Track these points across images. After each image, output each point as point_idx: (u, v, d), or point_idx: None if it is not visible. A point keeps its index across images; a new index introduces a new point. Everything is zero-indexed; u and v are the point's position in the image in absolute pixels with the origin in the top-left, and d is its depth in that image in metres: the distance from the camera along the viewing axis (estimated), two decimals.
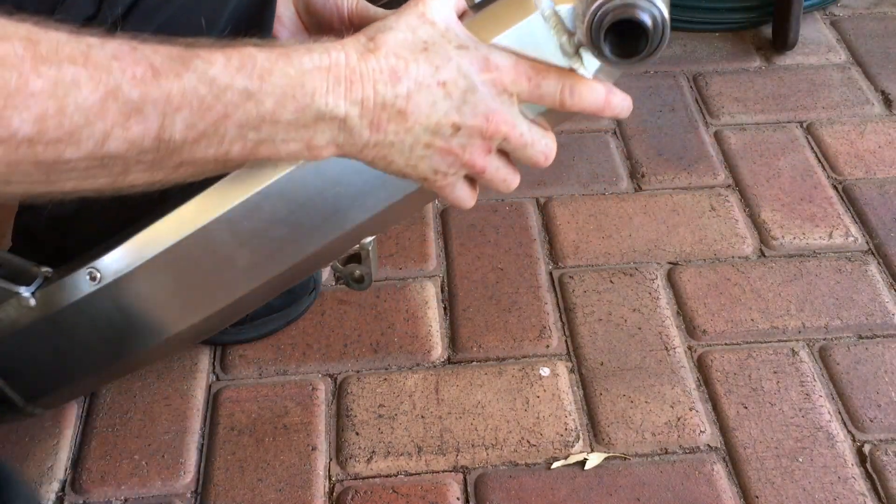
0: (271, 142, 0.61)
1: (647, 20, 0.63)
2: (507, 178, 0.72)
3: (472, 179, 0.73)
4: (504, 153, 0.71)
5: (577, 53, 0.68)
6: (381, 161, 0.67)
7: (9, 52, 0.50)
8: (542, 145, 0.70)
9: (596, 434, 1.16)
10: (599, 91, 0.69)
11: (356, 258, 0.97)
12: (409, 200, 0.81)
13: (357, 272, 0.98)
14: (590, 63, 0.69)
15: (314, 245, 0.83)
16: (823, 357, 1.25)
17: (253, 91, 0.59)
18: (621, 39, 0.64)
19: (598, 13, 0.63)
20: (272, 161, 0.63)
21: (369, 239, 0.95)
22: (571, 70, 0.68)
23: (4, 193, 0.54)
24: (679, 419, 1.17)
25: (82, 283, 0.81)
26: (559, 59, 0.68)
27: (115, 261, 0.80)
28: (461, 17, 0.71)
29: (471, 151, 0.67)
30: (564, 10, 0.67)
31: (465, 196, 0.74)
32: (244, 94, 0.59)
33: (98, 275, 0.81)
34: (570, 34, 0.67)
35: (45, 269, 0.84)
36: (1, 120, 0.49)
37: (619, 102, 0.70)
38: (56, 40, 0.53)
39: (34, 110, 0.50)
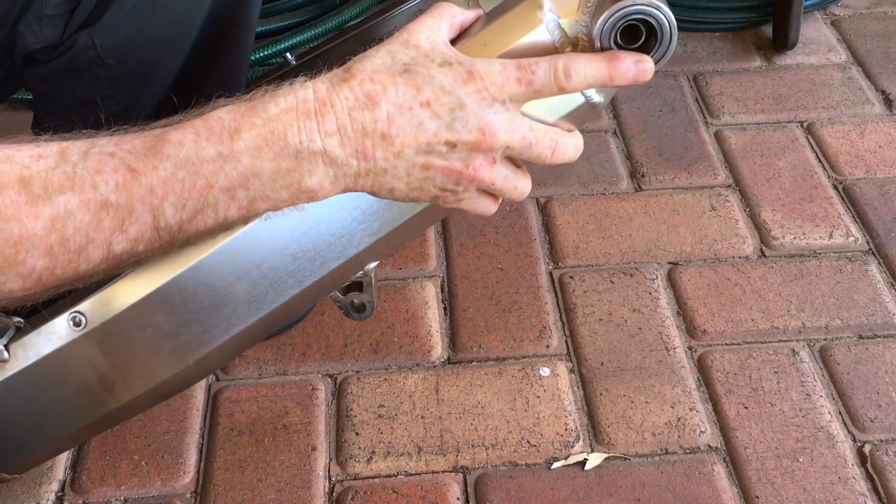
0: (264, 195, 0.62)
1: (662, 19, 0.65)
2: (519, 185, 0.71)
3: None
4: (512, 159, 0.70)
5: None
6: (382, 190, 0.66)
7: (6, 202, 0.57)
8: (547, 141, 0.68)
9: (596, 434, 1.16)
10: (598, 60, 0.66)
11: (357, 286, 0.91)
12: (421, 219, 0.79)
13: (357, 301, 0.93)
14: None
15: (317, 274, 0.78)
16: (824, 357, 1.25)
17: (226, 153, 0.60)
18: (627, 47, 0.66)
19: (611, 18, 0.64)
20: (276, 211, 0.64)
21: (371, 265, 0.89)
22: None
23: (33, 298, 0.63)
24: (679, 419, 1.17)
25: (63, 329, 0.74)
26: None
27: (103, 303, 0.74)
28: (465, 32, 0.71)
29: (474, 166, 0.66)
30: (567, 22, 0.68)
31: (486, 206, 0.72)
32: (219, 159, 0.60)
33: (83, 319, 0.74)
34: (574, 45, 0.68)
35: (16, 318, 0.76)
36: (19, 265, 0.58)
37: (629, 65, 0.66)
38: (45, 171, 0.58)
39: (42, 247, 0.58)
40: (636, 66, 0.66)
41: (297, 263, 0.77)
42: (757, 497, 1.09)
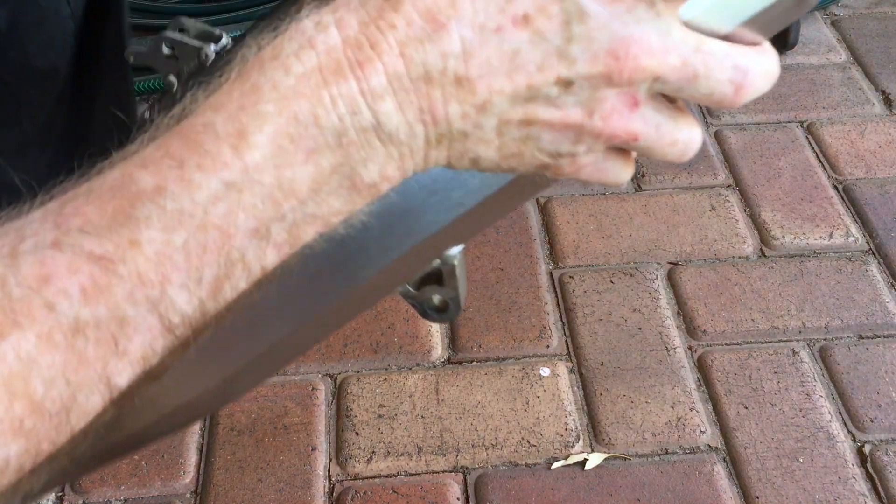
0: (307, 216, 0.41)
1: None
2: (679, 136, 0.44)
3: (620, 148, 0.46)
4: (665, 96, 0.44)
5: None
6: (463, 160, 0.44)
7: None
8: (728, 68, 0.42)
9: (596, 434, 1.16)
10: None
11: (435, 278, 0.69)
12: (518, 187, 0.56)
13: (437, 298, 0.71)
14: None
15: (378, 264, 0.57)
16: (824, 357, 1.25)
17: (237, 180, 0.39)
18: None
19: None
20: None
21: (455, 250, 0.67)
22: None
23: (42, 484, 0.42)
24: (679, 419, 1.17)
25: None
26: None
27: None
28: None
29: (603, 113, 0.41)
30: None
31: (616, 171, 0.46)
32: (229, 191, 0.39)
33: None
34: None
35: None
36: None
37: None
38: None
39: (3, 429, 0.38)
40: None
41: (359, 246, 0.53)
42: (757, 497, 1.09)
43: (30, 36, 0.92)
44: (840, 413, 1.18)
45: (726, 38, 0.43)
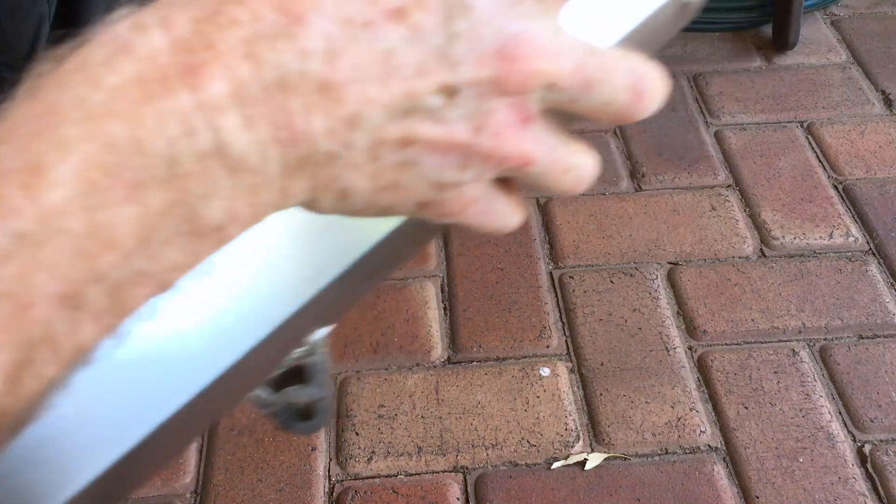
0: (135, 274, 0.30)
1: None
2: (573, 160, 0.36)
3: (505, 179, 0.37)
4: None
5: None
6: (330, 194, 0.34)
7: None
8: (624, 73, 0.36)
9: (596, 434, 1.16)
10: None
11: (296, 375, 0.52)
12: (394, 245, 0.41)
13: (301, 399, 0.53)
14: None
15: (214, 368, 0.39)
16: (824, 357, 1.25)
17: (30, 230, 0.28)
18: None
19: None
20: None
21: (320, 333, 0.49)
22: None
23: None
24: (679, 419, 1.17)
25: None
26: None
27: None
28: None
29: (494, 129, 0.33)
30: None
31: (505, 212, 0.37)
32: (22, 244, 0.28)
33: None
34: None
35: None
36: None
37: None
38: None
39: None
40: None
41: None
42: (757, 497, 1.09)
43: (6, 18, 0.93)
44: (840, 413, 1.18)
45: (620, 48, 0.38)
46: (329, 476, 1.12)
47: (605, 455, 1.14)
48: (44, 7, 0.96)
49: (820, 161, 1.56)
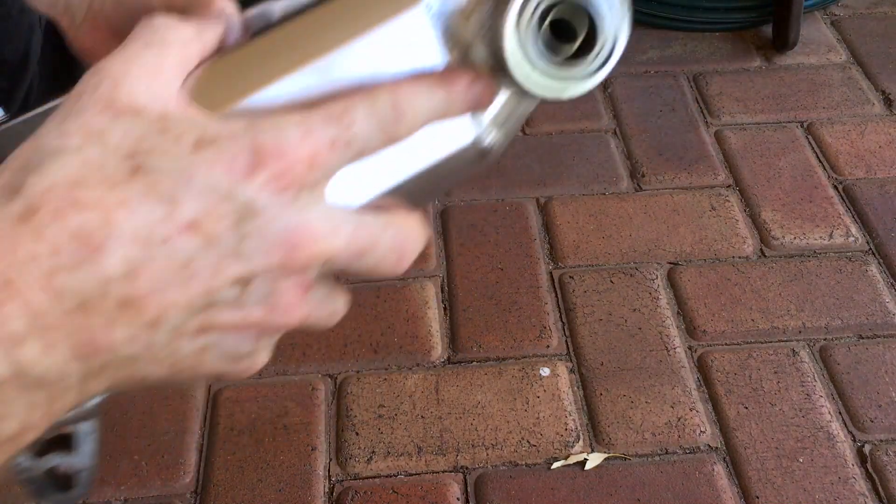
0: None
1: (601, 5, 0.41)
2: (336, 307, 0.43)
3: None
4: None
5: None
6: (128, 384, 0.38)
7: None
8: (388, 240, 0.41)
9: (596, 434, 1.16)
10: (431, 83, 0.40)
11: (61, 441, 0.51)
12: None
13: (63, 468, 0.51)
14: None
15: None
16: (824, 357, 1.25)
17: None
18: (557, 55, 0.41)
19: (527, 8, 0.39)
20: None
21: (93, 400, 0.48)
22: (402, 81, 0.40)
23: None
24: (679, 419, 1.17)
25: None
26: None
27: None
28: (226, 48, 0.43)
29: (282, 306, 0.39)
30: (457, 13, 0.41)
31: (261, 361, 0.42)
32: None
33: None
34: (464, 51, 0.41)
35: None
36: None
37: (466, 84, 0.41)
38: None
39: None
40: (477, 85, 0.41)
41: None
42: (757, 497, 1.09)
43: None
44: (840, 413, 1.18)
45: (375, 206, 0.42)
46: (329, 476, 1.12)
47: (605, 455, 1.14)
48: (33, 16, 0.95)
49: (820, 161, 1.56)
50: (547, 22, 0.39)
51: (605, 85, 1.73)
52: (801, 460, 1.13)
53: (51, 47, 0.98)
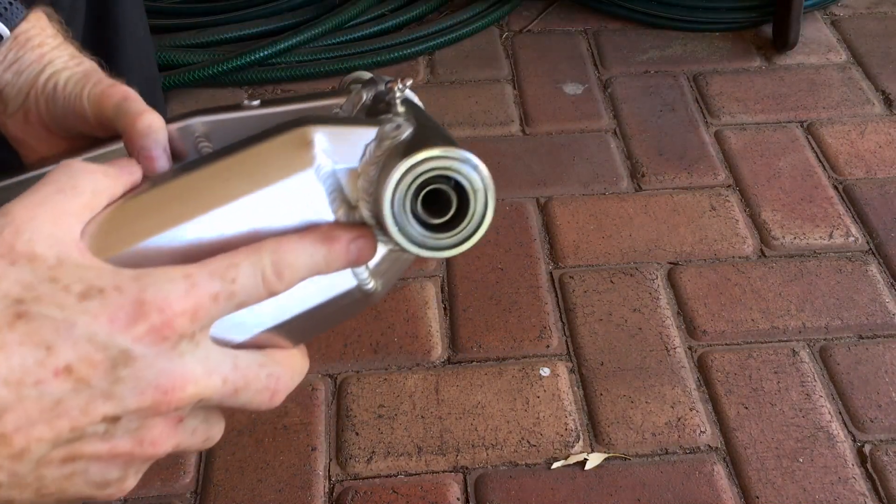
0: None
1: (475, 179, 0.44)
2: (211, 433, 0.46)
3: None
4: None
5: None
6: None
7: None
8: (263, 379, 0.45)
9: (596, 434, 1.16)
10: (312, 242, 0.44)
11: None
12: None
13: None
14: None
15: None
16: (824, 357, 1.25)
17: None
18: (430, 219, 0.45)
19: (404, 179, 0.42)
20: None
21: None
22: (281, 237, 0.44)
23: None
24: (679, 419, 1.17)
25: None
26: None
27: None
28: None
29: (152, 439, 0.42)
30: (347, 173, 0.45)
31: (129, 486, 0.45)
32: None
33: None
34: (352, 207, 0.45)
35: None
36: None
37: (345, 245, 0.45)
38: None
39: None
40: (356, 244, 0.45)
41: None
42: (757, 497, 1.09)
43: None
44: (840, 413, 1.18)
45: (256, 342, 0.45)
46: (329, 476, 1.12)
47: (606, 455, 1.14)
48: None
49: (820, 161, 1.56)
50: (424, 192, 0.43)
51: (605, 85, 1.73)
52: (802, 460, 1.13)
53: (98, 35, 0.97)
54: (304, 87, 1.73)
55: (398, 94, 0.49)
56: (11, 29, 0.64)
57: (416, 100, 0.54)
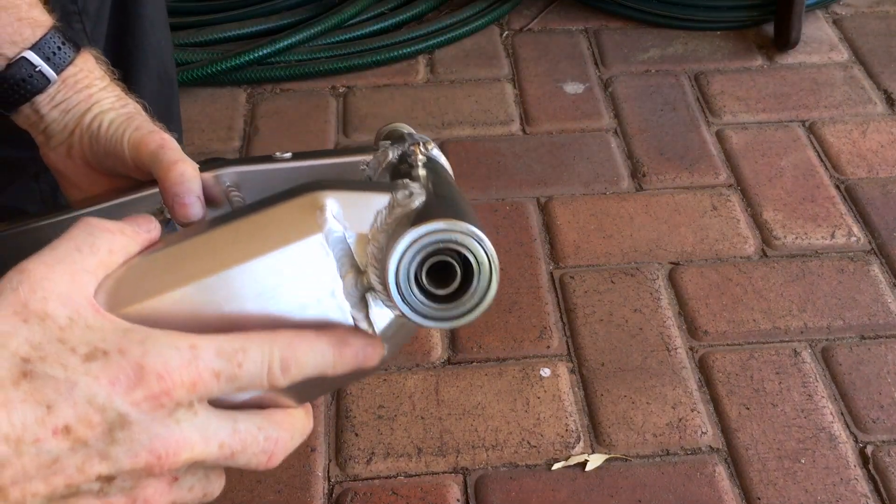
0: None
1: (481, 254, 0.44)
2: (210, 489, 0.47)
3: None
4: None
5: (362, 300, 0.47)
6: None
7: None
8: (261, 443, 0.45)
9: (597, 435, 1.16)
10: (323, 343, 0.45)
11: None
12: None
13: None
14: (379, 315, 0.48)
15: None
16: (826, 357, 1.24)
17: None
18: (434, 290, 0.45)
19: (408, 250, 0.43)
20: None
21: None
22: (297, 329, 0.45)
23: None
24: (680, 420, 1.17)
25: None
26: (331, 308, 0.46)
27: None
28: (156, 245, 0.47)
29: (145, 496, 0.43)
30: (357, 239, 0.46)
31: None
32: None
33: None
34: (360, 272, 0.46)
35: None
36: None
37: (356, 351, 0.47)
38: None
39: None
40: (365, 351, 0.46)
41: None
42: (759, 498, 1.09)
43: None
44: (842, 414, 1.18)
45: (257, 401, 0.46)
46: (328, 477, 1.12)
47: (606, 456, 1.13)
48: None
49: (822, 160, 1.55)
50: (430, 262, 0.44)
51: (605, 84, 1.72)
52: (803, 461, 1.12)
53: (118, 34, 0.98)
54: (303, 86, 1.73)
55: (420, 157, 0.51)
56: (59, 72, 0.67)
57: (442, 160, 0.56)
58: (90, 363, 0.40)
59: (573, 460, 1.13)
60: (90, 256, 0.44)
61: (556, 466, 1.12)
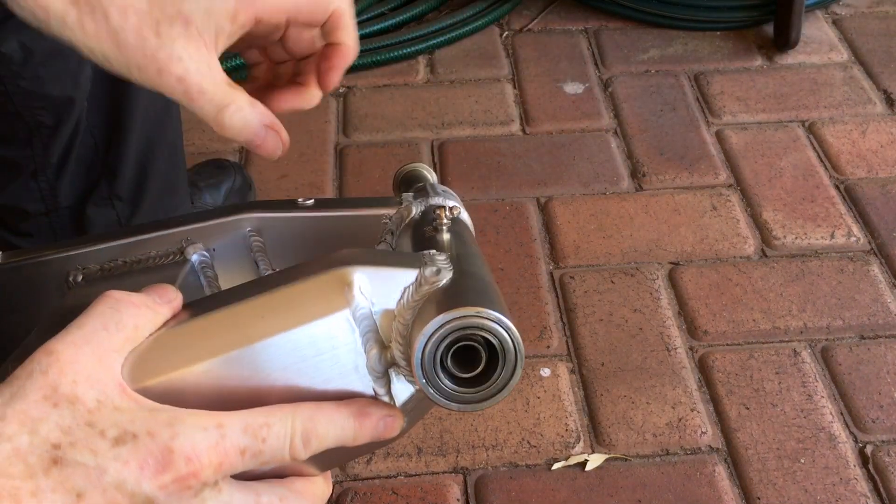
0: None
1: (506, 338, 0.45)
2: None
3: None
4: None
5: (384, 374, 0.48)
6: None
7: None
8: None
9: (597, 435, 1.16)
10: (344, 416, 0.46)
11: None
12: None
13: None
14: (401, 389, 0.49)
15: None
16: (825, 357, 1.24)
17: None
18: (459, 373, 0.46)
19: (436, 334, 0.44)
20: None
21: None
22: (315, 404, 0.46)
23: None
24: (680, 420, 1.17)
25: None
26: (353, 381, 0.47)
27: None
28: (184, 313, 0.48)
29: None
30: (383, 315, 0.47)
31: None
32: None
33: None
34: (384, 348, 0.47)
35: None
36: None
37: (376, 422, 0.48)
38: None
39: None
40: (385, 422, 0.47)
41: None
42: (758, 498, 1.09)
43: (43, 65, 0.94)
44: (842, 414, 1.18)
45: (280, 471, 0.46)
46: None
47: (606, 456, 1.13)
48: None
49: (821, 161, 1.55)
50: (455, 347, 0.44)
51: (605, 84, 1.72)
52: (803, 461, 1.12)
53: (101, 84, 0.98)
54: None
55: (445, 223, 0.52)
56: None
57: (465, 216, 0.56)
58: (119, 448, 0.41)
59: (573, 460, 1.13)
60: (116, 334, 0.44)
61: (556, 466, 1.12)
